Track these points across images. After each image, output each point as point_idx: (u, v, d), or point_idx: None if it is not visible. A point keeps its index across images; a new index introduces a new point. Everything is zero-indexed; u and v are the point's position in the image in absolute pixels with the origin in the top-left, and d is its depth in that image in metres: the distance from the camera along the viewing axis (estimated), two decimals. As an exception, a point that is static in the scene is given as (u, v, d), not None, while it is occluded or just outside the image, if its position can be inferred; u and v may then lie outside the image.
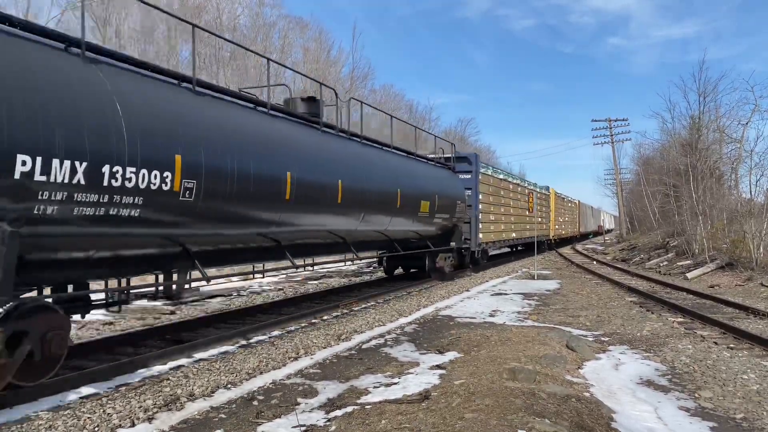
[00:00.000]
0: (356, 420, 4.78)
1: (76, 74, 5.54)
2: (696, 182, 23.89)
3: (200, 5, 30.65)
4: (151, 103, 6.29)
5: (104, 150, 5.47)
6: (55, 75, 5.30)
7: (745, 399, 5.71)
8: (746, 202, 20.94)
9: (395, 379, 6.27)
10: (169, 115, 6.50)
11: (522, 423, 4.40)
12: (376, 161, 12.03)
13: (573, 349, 7.71)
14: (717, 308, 11.91)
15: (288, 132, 9.21)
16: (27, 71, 5.05)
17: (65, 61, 5.56)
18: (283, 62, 31.63)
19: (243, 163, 7.46)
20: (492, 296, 13.87)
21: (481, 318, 10.52)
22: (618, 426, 4.85)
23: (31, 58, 5.19)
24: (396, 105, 46.99)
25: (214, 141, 7.03)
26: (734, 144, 24.65)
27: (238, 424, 4.94)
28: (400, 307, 11.63)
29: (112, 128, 5.60)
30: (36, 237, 5.12)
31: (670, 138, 33.14)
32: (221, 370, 6.50)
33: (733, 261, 18.20)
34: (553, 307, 12.06)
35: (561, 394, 5.37)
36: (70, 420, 4.79)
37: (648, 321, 10.33)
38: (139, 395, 5.47)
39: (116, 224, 5.78)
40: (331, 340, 8.33)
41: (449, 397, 5.27)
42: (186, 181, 6.44)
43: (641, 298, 13.46)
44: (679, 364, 7.13)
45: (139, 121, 5.95)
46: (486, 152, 68.62)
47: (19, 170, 4.77)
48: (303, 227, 9.45)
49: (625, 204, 53.33)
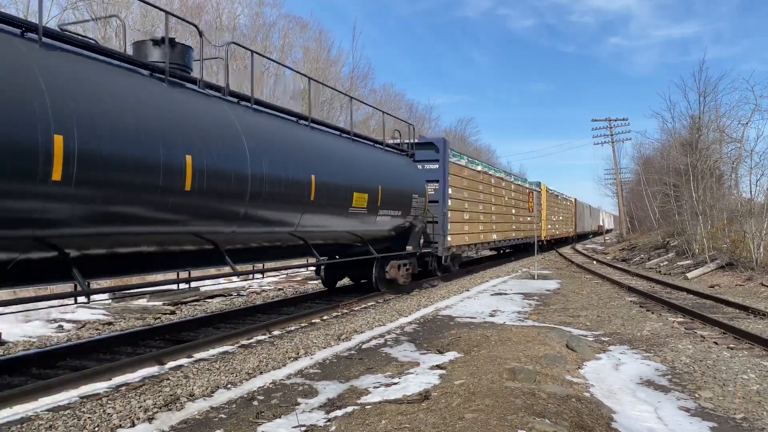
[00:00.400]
0: (356, 420, 4.78)
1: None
2: (696, 182, 23.89)
3: (200, 5, 30.63)
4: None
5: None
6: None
7: (745, 399, 5.71)
8: (746, 202, 20.93)
9: (395, 379, 6.27)
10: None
11: (522, 423, 4.40)
12: (274, 134, 8.71)
13: (573, 349, 7.71)
14: (717, 308, 11.91)
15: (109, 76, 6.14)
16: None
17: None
18: (283, 62, 31.66)
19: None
20: (492, 296, 13.87)
21: (481, 318, 10.52)
22: (618, 426, 4.85)
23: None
24: (396, 105, 46.92)
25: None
26: (734, 144, 24.69)
27: (238, 424, 4.94)
28: (400, 306, 11.63)
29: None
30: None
31: (670, 138, 33.21)
32: (221, 370, 6.50)
33: (733, 261, 18.20)
34: (553, 307, 12.05)
35: (561, 394, 5.37)
36: (70, 420, 4.78)
37: (648, 321, 10.33)
38: (139, 395, 5.46)
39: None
40: (331, 340, 8.32)
41: (449, 397, 5.27)
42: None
43: (641, 298, 13.46)
44: (679, 364, 7.13)
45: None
46: (486, 152, 68.65)
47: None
48: (105, 229, 5.96)
49: (625, 204, 53.33)
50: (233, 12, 32.81)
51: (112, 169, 5.68)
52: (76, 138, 5.30)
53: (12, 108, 4.88)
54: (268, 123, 8.83)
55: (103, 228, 5.87)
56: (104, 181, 5.62)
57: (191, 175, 6.66)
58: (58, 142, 5.15)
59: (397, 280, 13.26)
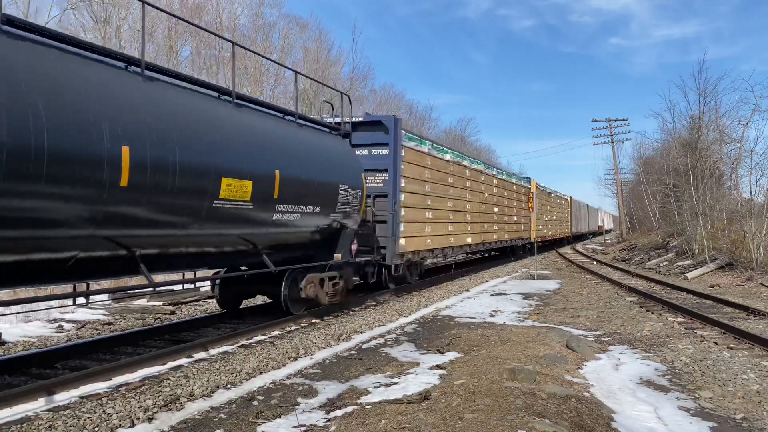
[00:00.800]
0: (356, 420, 4.78)
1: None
2: (696, 182, 23.90)
3: (200, 5, 30.65)
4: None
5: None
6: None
7: (745, 399, 5.71)
8: (746, 202, 20.95)
9: (395, 379, 6.27)
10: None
11: (522, 423, 4.40)
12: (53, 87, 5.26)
13: (573, 349, 7.71)
14: (717, 308, 11.91)
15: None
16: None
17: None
18: (283, 62, 31.63)
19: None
20: (492, 296, 13.87)
21: (481, 318, 10.52)
22: (618, 426, 4.85)
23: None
24: (396, 105, 46.94)
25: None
26: (734, 144, 24.74)
27: (238, 424, 4.94)
28: (400, 307, 11.63)
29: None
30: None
31: (670, 138, 33.27)
32: (221, 370, 6.50)
33: (733, 261, 18.21)
34: (553, 307, 12.06)
35: (561, 394, 5.37)
36: (70, 420, 4.78)
37: (648, 321, 10.33)
38: (139, 395, 5.46)
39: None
40: (331, 340, 8.33)
41: (449, 397, 5.27)
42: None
43: (641, 298, 13.46)
44: (679, 364, 7.13)
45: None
46: (486, 152, 68.58)
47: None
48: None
49: (625, 204, 53.33)
50: (233, 12, 32.82)
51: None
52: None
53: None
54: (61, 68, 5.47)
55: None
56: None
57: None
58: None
59: (318, 299, 9.94)
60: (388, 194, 12.64)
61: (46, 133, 5.06)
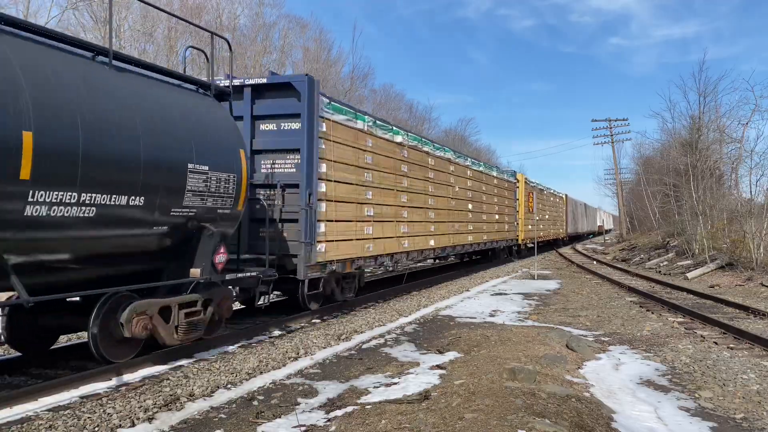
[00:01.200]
0: (356, 420, 4.78)
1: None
2: (696, 182, 23.91)
3: (200, 5, 30.65)
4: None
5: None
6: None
7: (745, 399, 5.71)
8: (746, 202, 20.96)
9: (395, 379, 6.27)
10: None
11: (522, 423, 4.40)
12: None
13: (573, 349, 7.71)
14: (717, 308, 11.92)
15: None
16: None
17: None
18: (283, 62, 31.66)
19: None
20: (492, 296, 13.87)
21: (481, 318, 10.53)
22: (618, 426, 4.85)
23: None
24: (396, 105, 46.97)
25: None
26: (734, 144, 24.75)
27: (238, 424, 4.94)
28: (400, 307, 11.63)
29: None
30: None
31: (670, 138, 33.27)
32: (221, 370, 6.50)
33: (733, 261, 18.21)
34: (554, 307, 12.06)
35: (561, 394, 5.37)
36: (70, 420, 4.78)
37: (648, 321, 10.34)
38: (139, 395, 5.47)
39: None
40: (331, 340, 8.33)
41: (449, 397, 5.27)
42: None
43: (641, 298, 13.47)
44: (679, 364, 7.13)
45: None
46: (486, 152, 68.56)
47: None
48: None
49: (625, 204, 53.33)
50: (233, 12, 32.80)
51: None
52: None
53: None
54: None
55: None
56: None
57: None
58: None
59: (162, 340, 6.75)
60: (299, 183, 9.49)
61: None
